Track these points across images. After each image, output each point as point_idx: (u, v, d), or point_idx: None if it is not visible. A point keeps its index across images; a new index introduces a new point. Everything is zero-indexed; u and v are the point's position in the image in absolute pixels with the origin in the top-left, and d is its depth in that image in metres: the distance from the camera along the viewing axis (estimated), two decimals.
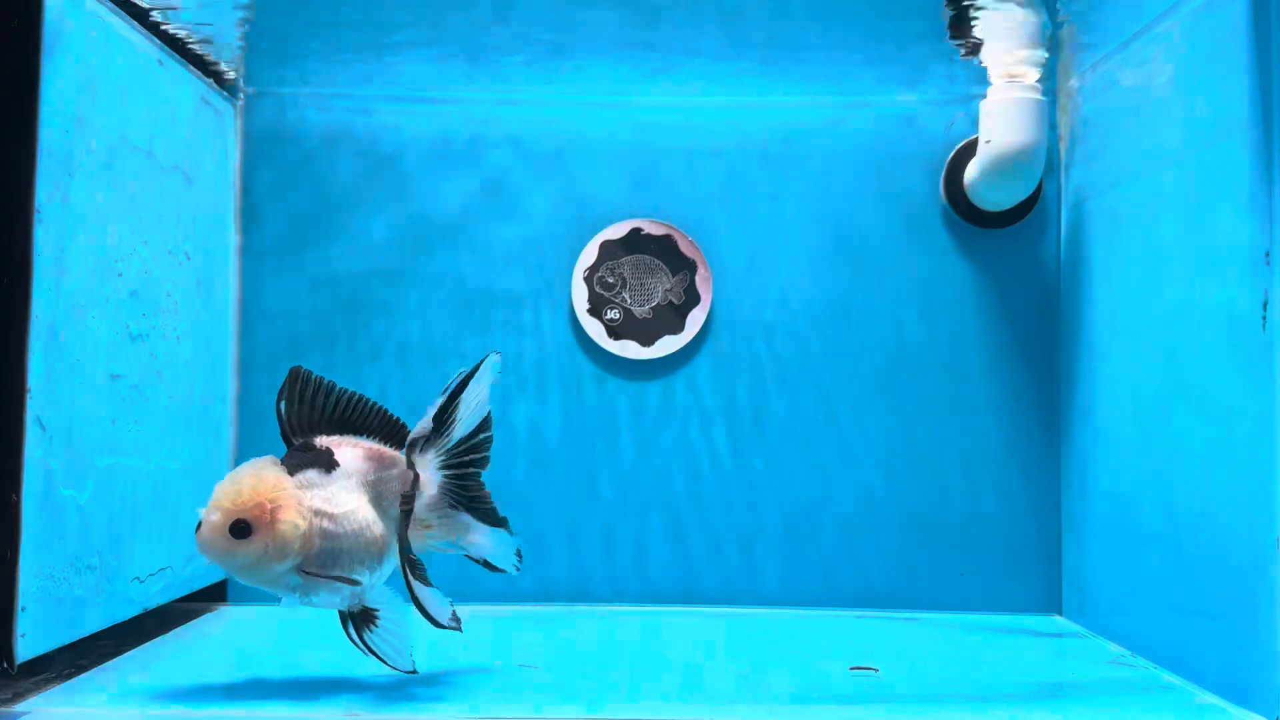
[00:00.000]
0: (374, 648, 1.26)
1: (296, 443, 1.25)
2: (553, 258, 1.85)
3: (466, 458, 1.33)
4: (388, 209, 1.85)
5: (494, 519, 1.35)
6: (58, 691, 1.26)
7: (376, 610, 1.27)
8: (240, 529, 1.18)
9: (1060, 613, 1.80)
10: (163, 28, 1.54)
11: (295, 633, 1.60)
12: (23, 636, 1.22)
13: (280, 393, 1.25)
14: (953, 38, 1.55)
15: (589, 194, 1.85)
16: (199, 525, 1.19)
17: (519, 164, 1.85)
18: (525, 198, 1.85)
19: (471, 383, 1.29)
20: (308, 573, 1.22)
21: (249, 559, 1.19)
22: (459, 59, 1.68)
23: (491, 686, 1.31)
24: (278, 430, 1.26)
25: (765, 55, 1.65)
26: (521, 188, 1.85)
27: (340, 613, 1.27)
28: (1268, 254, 1.21)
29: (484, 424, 1.35)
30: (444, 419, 1.29)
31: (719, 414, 1.84)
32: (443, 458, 1.31)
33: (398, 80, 1.78)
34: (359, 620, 1.26)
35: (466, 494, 1.34)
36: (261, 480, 1.20)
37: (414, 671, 1.28)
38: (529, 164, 1.86)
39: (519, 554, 1.37)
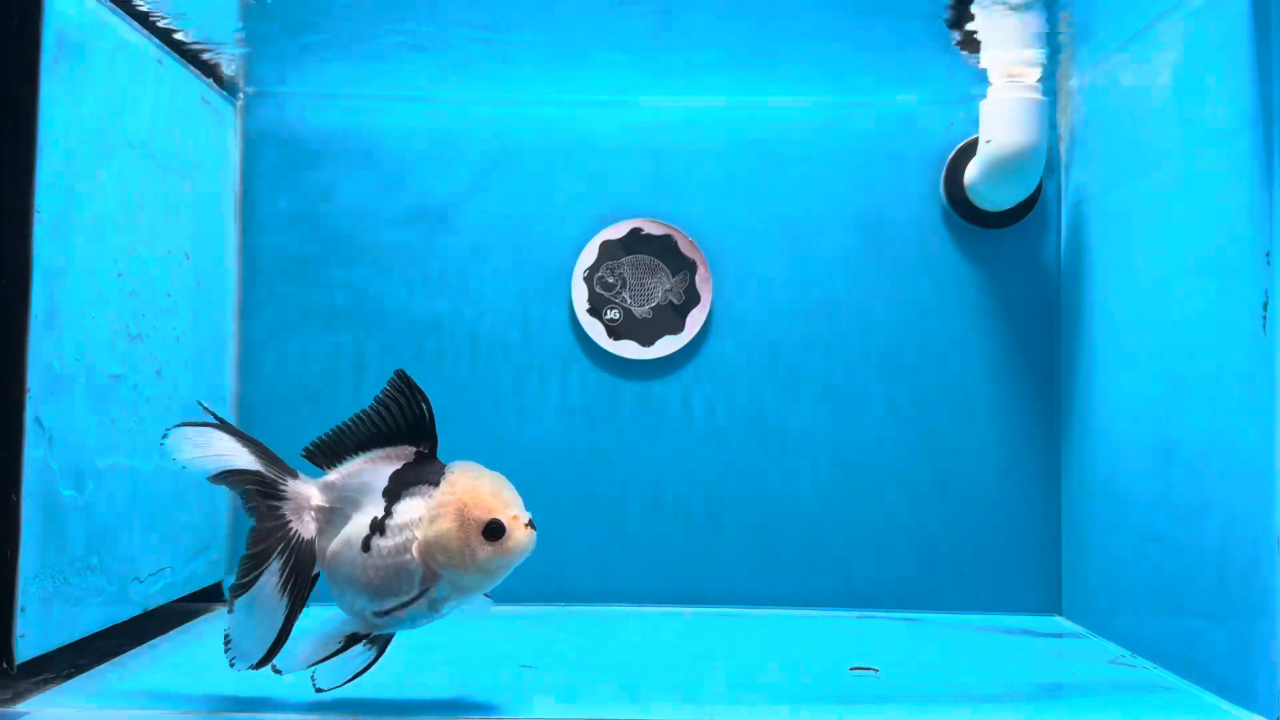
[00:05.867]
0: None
1: (423, 449, 1.21)
2: (552, 258, 1.85)
3: None
4: (388, 209, 1.85)
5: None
6: (58, 691, 1.26)
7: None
8: None
9: (1060, 613, 1.80)
10: (162, 27, 1.54)
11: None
12: (23, 636, 1.23)
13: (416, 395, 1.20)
14: (955, 40, 1.55)
15: (589, 194, 1.85)
16: (520, 527, 1.20)
17: (519, 164, 1.85)
18: (525, 198, 1.85)
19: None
20: None
21: None
22: (458, 59, 1.68)
23: (492, 686, 1.31)
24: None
25: (765, 55, 1.65)
26: (521, 188, 1.85)
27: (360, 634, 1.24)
28: (1268, 254, 1.21)
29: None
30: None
31: (719, 414, 1.83)
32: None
33: (397, 80, 1.78)
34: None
35: None
36: None
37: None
38: (529, 164, 1.85)
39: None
